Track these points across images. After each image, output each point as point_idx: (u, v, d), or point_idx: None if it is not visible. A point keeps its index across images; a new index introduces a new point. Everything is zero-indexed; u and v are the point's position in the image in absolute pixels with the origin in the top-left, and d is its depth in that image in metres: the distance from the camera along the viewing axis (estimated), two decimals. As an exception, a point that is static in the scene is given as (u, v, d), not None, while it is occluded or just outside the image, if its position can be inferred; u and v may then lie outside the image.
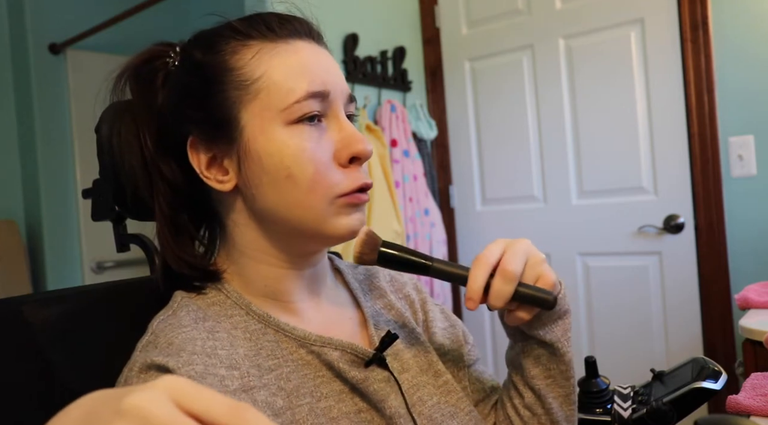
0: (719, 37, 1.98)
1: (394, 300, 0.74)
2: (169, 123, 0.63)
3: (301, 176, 0.58)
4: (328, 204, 0.59)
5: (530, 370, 0.67)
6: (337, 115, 0.61)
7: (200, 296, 0.63)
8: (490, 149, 2.48)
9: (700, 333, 2.04)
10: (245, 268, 0.64)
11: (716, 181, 1.99)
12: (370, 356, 0.63)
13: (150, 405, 0.29)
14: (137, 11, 2.31)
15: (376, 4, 2.39)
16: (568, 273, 2.30)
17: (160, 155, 0.63)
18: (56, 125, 2.56)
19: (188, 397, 0.30)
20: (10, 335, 0.63)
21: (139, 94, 0.65)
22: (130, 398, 0.29)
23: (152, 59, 0.65)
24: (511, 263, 0.57)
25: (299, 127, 0.58)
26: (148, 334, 0.58)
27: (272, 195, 0.59)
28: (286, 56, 0.60)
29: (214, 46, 0.61)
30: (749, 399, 0.85)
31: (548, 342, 0.64)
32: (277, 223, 0.61)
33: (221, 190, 0.61)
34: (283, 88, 0.58)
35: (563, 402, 0.67)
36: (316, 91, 0.59)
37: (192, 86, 0.61)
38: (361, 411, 0.60)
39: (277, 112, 0.58)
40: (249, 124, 0.59)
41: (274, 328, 0.61)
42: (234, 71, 0.59)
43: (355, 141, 0.60)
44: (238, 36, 0.61)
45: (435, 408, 0.66)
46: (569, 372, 0.66)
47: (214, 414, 0.30)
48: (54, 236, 2.53)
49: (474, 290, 0.58)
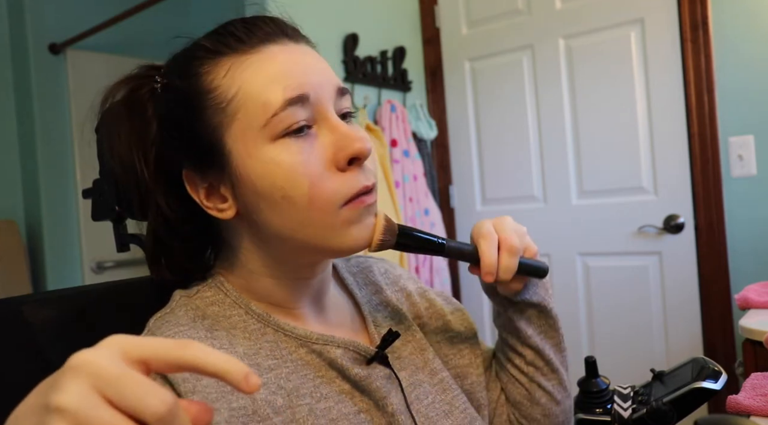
0: (719, 37, 1.98)
1: (390, 295, 0.75)
2: (163, 156, 0.60)
3: (296, 194, 0.55)
4: (333, 216, 0.56)
5: (525, 330, 0.72)
6: (327, 116, 0.57)
7: (199, 295, 0.62)
8: (490, 149, 2.48)
9: (700, 333, 2.04)
10: (249, 280, 0.63)
11: (716, 181, 1.99)
12: (373, 353, 0.63)
13: (99, 360, 0.31)
14: (137, 11, 2.31)
15: (376, 4, 2.39)
16: (568, 273, 2.30)
17: (158, 187, 0.61)
18: (56, 125, 2.56)
19: (134, 348, 0.33)
20: (10, 335, 0.63)
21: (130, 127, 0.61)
22: (79, 356, 0.31)
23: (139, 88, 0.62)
24: (511, 238, 0.64)
25: (285, 141, 0.55)
26: (145, 332, 0.58)
27: (273, 218, 0.56)
28: (258, 67, 0.55)
29: (189, 70, 0.58)
30: (749, 399, 0.85)
31: (536, 303, 0.72)
32: (284, 244, 0.59)
33: (224, 218, 0.59)
34: (258, 102, 0.54)
35: (556, 351, 0.75)
36: (293, 97, 0.54)
37: (177, 116, 0.59)
38: (360, 412, 0.60)
39: (258, 129, 0.55)
40: (234, 148, 0.56)
41: (274, 328, 0.61)
42: (210, 94, 0.56)
43: (351, 141, 0.56)
44: (209, 54, 0.57)
45: (431, 406, 0.66)
46: (557, 324, 0.74)
47: (161, 354, 0.33)
48: (54, 236, 2.53)
49: (491, 264, 0.63)
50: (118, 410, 0.30)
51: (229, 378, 0.33)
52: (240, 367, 0.33)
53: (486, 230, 0.65)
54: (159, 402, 0.30)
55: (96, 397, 0.30)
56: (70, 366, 0.31)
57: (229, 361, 0.33)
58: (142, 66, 0.63)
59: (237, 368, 0.33)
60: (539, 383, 0.74)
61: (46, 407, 0.30)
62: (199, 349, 0.33)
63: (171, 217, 0.61)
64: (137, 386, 0.31)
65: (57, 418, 0.30)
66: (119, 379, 0.31)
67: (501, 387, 0.77)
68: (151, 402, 0.30)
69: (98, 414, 0.30)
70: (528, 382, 0.74)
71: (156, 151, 0.61)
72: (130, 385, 0.31)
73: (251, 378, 0.33)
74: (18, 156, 2.56)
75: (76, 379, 0.30)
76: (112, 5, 2.50)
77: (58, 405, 0.30)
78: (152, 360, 0.33)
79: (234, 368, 0.33)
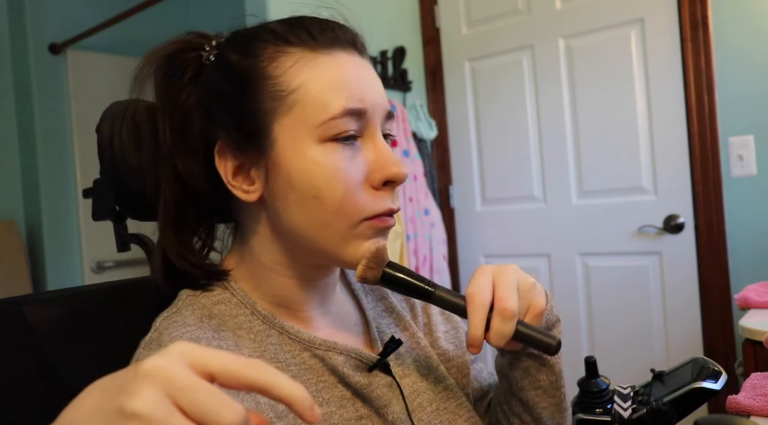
0: (719, 37, 1.98)
1: (395, 303, 0.74)
2: (196, 123, 0.60)
3: (329, 198, 0.56)
4: (353, 227, 0.57)
5: (519, 381, 0.66)
6: (374, 134, 0.59)
7: (206, 294, 0.62)
8: (490, 149, 2.48)
9: (700, 333, 2.04)
10: (258, 274, 0.63)
11: (716, 181, 1.99)
12: (374, 361, 0.63)
13: (172, 367, 0.31)
14: (137, 11, 2.31)
15: (376, 4, 2.39)
16: (568, 273, 2.30)
17: (178, 151, 0.60)
18: (56, 125, 2.56)
19: (203, 359, 0.32)
20: (10, 335, 0.63)
21: (165, 85, 0.61)
22: (151, 361, 0.31)
23: (186, 50, 0.61)
24: (507, 299, 0.54)
25: (332, 145, 0.56)
26: (152, 332, 0.58)
27: (297, 213, 0.57)
28: (326, 68, 0.57)
29: (252, 50, 0.58)
30: (749, 399, 0.85)
31: (537, 355, 0.64)
32: (298, 239, 0.59)
33: (246, 200, 0.59)
34: (319, 103, 0.55)
35: (554, 411, 0.67)
36: (353, 109, 0.56)
37: (225, 90, 0.59)
38: (362, 418, 0.60)
39: (311, 127, 0.56)
40: (281, 137, 0.56)
41: (279, 330, 0.61)
42: (270, 80, 0.57)
43: (390, 164, 0.57)
44: (278, 41, 0.58)
45: (434, 414, 0.65)
46: (559, 383, 0.66)
47: (231, 370, 0.32)
48: (54, 236, 2.53)
49: (476, 337, 0.55)
50: (190, 419, 0.30)
51: (296, 405, 0.33)
52: (306, 396, 0.33)
53: (477, 289, 0.55)
54: (235, 414, 0.30)
55: (170, 404, 0.30)
56: (143, 371, 0.31)
57: (298, 389, 0.33)
58: (190, 32, 0.63)
59: (305, 396, 0.33)
60: None
61: (119, 411, 0.30)
62: (273, 373, 0.33)
63: (188, 178, 0.60)
64: (211, 396, 0.30)
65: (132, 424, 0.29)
66: (192, 388, 0.30)
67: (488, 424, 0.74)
68: (226, 413, 0.30)
69: (173, 421, 0.29)
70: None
71: (185, 115, 0.60)
72: (203, 395, 0.30)
73: (315, 408, 0.34)
74: (18, 156, 2.56)
75: (151, 385, 0.30)
76: (112, 5, 2.51)
77: (133, 411, 0.29)
78: (221, 374, 0.32)
79: (302, 396, 0.33)
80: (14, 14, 2.53)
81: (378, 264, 0.57)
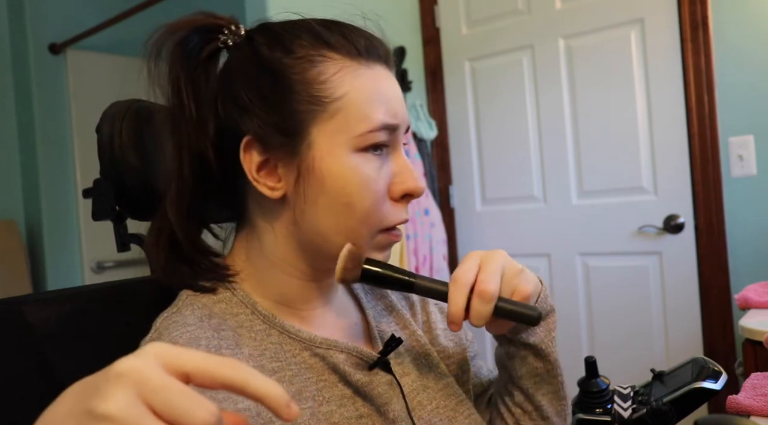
0: (719, 37, 1.98)
1: (395, 301, 0.74)
2: (217, 108, 0.59)
3: (359, 206, 0.57)
4: (371, 237, 0.60)
5: (517, 371, 0.68)
6: (398, 148, 0.61)
7: (206, 294, 0.62)
8: (490, 149, 2.48)
9: (700, 333, 2.04)
10: (264, 272, 0.63)
11: (716, 181, 1.99)
12: (375, 359, 0.63)
13: (145, 368, 0.30)
14: (137, 11, 2.31)
15: (376, 4, 2.39)
16: (568, 273, 2.30)
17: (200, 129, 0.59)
18: (56, 125, 2.57)
19: (177, 359, 0.32)
20: (10, 335, 0.63)
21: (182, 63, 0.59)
22: (124, 363, 0.31)
23: (204, 30, 0.61)
24: (487, 282, 0.56)
25: (366, 155, 0.58)
26: (152, 332, 0.58)
27: (324, 217, 0.58)
28: (367, 81, 0.58)
29: (290, 48, 0.58)
30: (749, 399, 0.85)
31: (532, 345, 0.65)
32: (318, 242, 0.60)
33: (270, 196, 0.59)
34: (361, 114, 0.57)
35: (553, 399, 0.69)
36: (390, 124, 0.58)
37: (260, 84, 0.58)
38: (362, 417, 0.60)
39: (350, 136, 0.57)
40: (317, 141, 0.57)
41: (279, 329, 0.61)
42: (314, 84, 0.57)
43: (411, 178, 0.60)
44: (317, 43, 0.58)
45: (434, 412, 0.66)
46: (556, 371, 0.68)
47: (206, 369, 0.32)
48: (54, 236, 2.53)
49: (454, 314, 0.57)
50: (162, 420, 0.30)
51: (272, 403, 0.33)
52: (282, 394, 0.33)
53: (461, 271, 0.58)
54: (208, 414, 0.30)
55: (142, 406, 0.30)
56: (115, 373, 0.30)
57: (273, 386, 0.33)
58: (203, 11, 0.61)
59: (281, 394, 0.33)
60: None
61: (90, 413, 0.30)
62: (247, 371, 0.33)
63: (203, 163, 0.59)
64: (183, 397, 0.30)
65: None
66: (165, 389, 0.30)
67: (489, 419, 0.75)
68: (198, 413, 0.30)
69: (144, 423, 0.29)
70: (513, 423, 0.70)
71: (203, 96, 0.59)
72: (176, 395, 0.30)
73: (293, 406, 0.33)
74: (18, 156, 2.56)
75: (122, 386, 0.30)
76: (112, 5, 2.51)
77: (104, 413, 0.29)
78: (195, 373, 0.32)
79: (278, 394, 0.33)
80: (14, 14, 2.53)
81: (356, 264, 0.57)
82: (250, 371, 0.33)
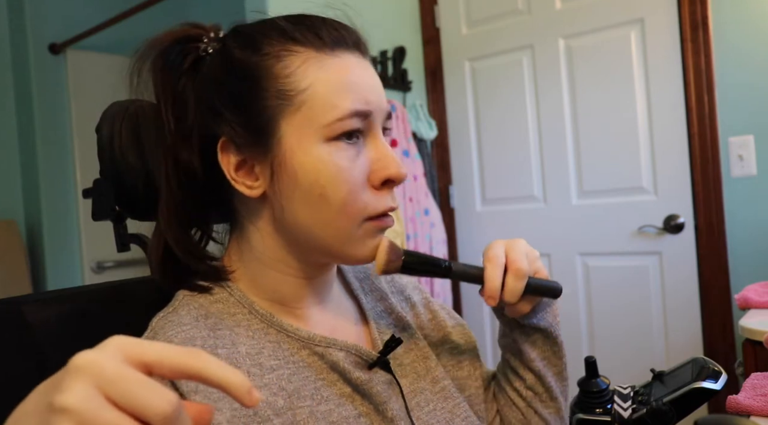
0: (719, 37, 1.98)
1: (395, 303, 0.74)
2: (195, 115, 0.60)
3: (333, 197, 0.57)
4: (356, 226, 0.59)
5: (529, 354, 0.72)
6: (376, 134, 0.60)
7: (203, 294, 0.62)
8: (490, 149, 2.48)
9: (700, 333, 2.04)
10: (256, 272, 0.63)
11: (716, 181, 1.99)
12: (375, 358, 0.63)
13: (102, 361, 0.31)
14: (137, 11, 2.31)
15: (376, 4, 2.39)
16: (568, 273, 2.30)
17: (180, 141, 0.60)
18: (56, 125, 2.56)
19: (137, 351, 0.32)
20: (10, 335, 0.63)
21: (166, 75, 0.61)
22: (82, 356, 0.31)
23: (184, 40, 0.62)
24: (520, 261, 0.63)
25: (337, 144, 0.57)
26: (148, 331, 0.58)
27: (301, 211, 0.58)
28: (332, 70, 0.58)
29: (258, 47, 0.59)
30: (749, 399, 0.85)
31: (543, 328, 0.72)
32: (300, 237, 0.60)
33: (249, 196, 0.60)
34: (327, 104, 0.57)
35: (558, 379, 0.74)
36: (359, 111, 0.57)
37: (231, 86, 0.59)
38: (361, 416, 0.60)
39: (318, 127, 0.57)
40: (287, 135, 0.57)
41: (277, 328, 0.61)
42: (279, 79, 0.57)
43: (391, 164, 0.59)
44: (284, 38, 0.58)
45: (432, 413, 0.66)
46: (561, 352, 0.74)
47: (166, 360, 0.32)
48: (54, 236, 2.53)
49: (494, 289, 0.63)
50: (122, 410, 0.30)
51: (232, 390, 0.33)
52: (243, 380, 0.33)
53: (493, 253, 0.64)
54: (165, 403, 0.30)
55: (100, 398, 0.30)
56: (73, 367, 0.31)
57: (233, 374, 0.33)
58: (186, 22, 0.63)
59: (240, 381, 0.33)
60: (536, 409, 0.73)
61: (49, 407, 0.30)
62: (206, 359, 0.33)
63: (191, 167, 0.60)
64: (142, 386, 0.30)
65: (61, 418, 0.29)
66: (123, 379, 0.30)
67: (497, 410, 0.77)
68: (156, 402, 0.30)
69: (103, 414, 0.29)
70: (525, 407, 0.74)
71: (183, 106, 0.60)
72: (134, 385, 0.30)
73: (254, 392, 0.34)
74: (18, 156, 2.56)
75: (80, 379, 0.30)
76: (112, 5, 2.51)
77: (62, 405, 0.29)
78: (155, 364, 0.32)
79: (238, 381, 0.33)
80: (14, 14, 2.52)
81: (398, 256, 0.61)
82: (211, 359, 0.33)
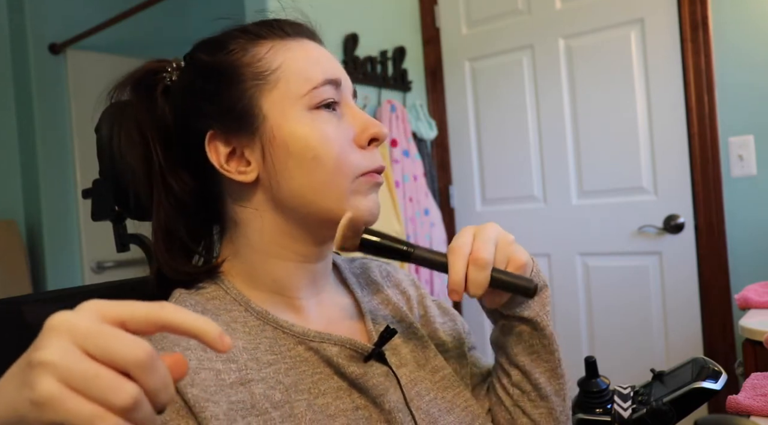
0: (719, 37, 1.98)
1: (391, 295, 0.75)
2: (178, 128, 0.64)
3: (326, 157, 0.60)
4: (350, 183, 0.61)
5: (513, 348, 0.67)
6: (349, 104, 0.65)
7: (199, 291, 0.63)
8: (490, 149, 2.48)
9: (700, 333, 2.04)
10: (254, 264, 0.64)
11: (716, 181, 1.99)
12: (369, 351, 0.63)
13: (77, 319, 0.33)
14: (137, 11, 2.31)
15: (376, 4, 2.39)
16: (568, 273, 2.30)
17: (170, 167, 0.64)
18: (56, 124, 2.56)
19: (110, 309, 0.34)
20: (10, 335, 0.63)
21: (140, 104, 0.65)
22: (56, 317, 0.33)
23: (151, 73, 0.66)
24: (481, 250, 0.58)
25: (319, 112, 0.61)
26: None
27: (298, 178, 0.61)
28: (299, 50, 0.63)
29: (225, 47, 0.63)
30: (749, 399, 0.85)
31: (527, 318, 0.65)
32: (299, 209, 0.62)
33: (243, 181, 0.62)
34: (301, 76, 0.61)
35: (550, 377, 0.68)
36: (331, 79, 0.62)
37: (203, 86, 0.63)
38: (358, 408, 0.60)
39: (297, 98, 0.61)
40: (271, 111, 0.61)
41: (273, 325, 0.62)
42: (250, 66, 0.62)
43: (372, 124, 0.64)
44: (249, 36, 0.63)
45: (432, 403, 0.66)
46: (552, 346, 0.67)
47: (137, 314, 0.34)
48: (54, 236, 2.53)
49: (455, 282, 0.58)
50: (99, 362, 0.32)
51: (204, 336, 0.35)
52: (214, 327, 0.35)
53: (458, 242, 0.59)
54: (140, 350, 0.32)
55: (77, 351, 0.32)
56: (49, 326, 0.33)
57: (204, 321, 0.35)
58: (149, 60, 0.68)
59: (211, 327, 0.35)
60: (523, 409, 0.68)
61: (29, 364, 0.32)
62: (175, 309, 0.35)
63: (181, 195, 0.64)
64: (115, 338, 0.32)
65: (40, 371, 0.31)
66: (98, 333, 0.32)
67: (488, 408, 0.74)
68: (131, 350, 0.32)
69: (80, 365, 0.31)
70: (512, 406, 0.69)
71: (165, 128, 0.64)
72: (108, 338, 0.32)
73: (225, 337, 0.35)
74: (18, 156, 2.56)
75: (56, 336, 0.32)
76: (112, 5, 2.51)
77: (40, 360, 0.31)
78: (128, 319, 0.34)
79: (209, 327, 0.35)
80: (14, 14, 2.52)
81: (355, 233, 0.58)
82: (183, 310, 0.35)
